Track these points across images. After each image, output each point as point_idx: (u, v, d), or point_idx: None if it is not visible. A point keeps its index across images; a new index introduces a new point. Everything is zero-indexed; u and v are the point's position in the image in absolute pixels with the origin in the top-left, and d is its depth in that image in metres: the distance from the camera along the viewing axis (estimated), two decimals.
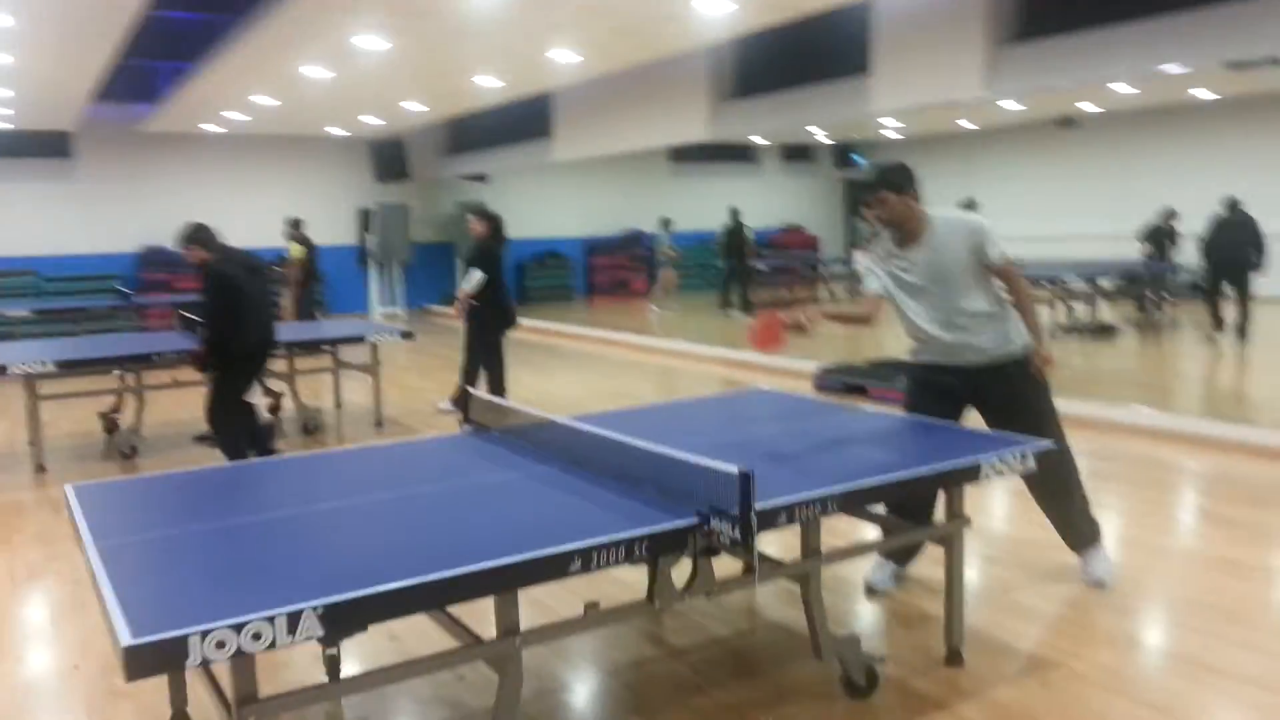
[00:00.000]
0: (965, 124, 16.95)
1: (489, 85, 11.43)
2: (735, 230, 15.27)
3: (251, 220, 15.74)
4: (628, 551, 2.35)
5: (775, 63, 10.35)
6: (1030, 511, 4.13)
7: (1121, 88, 11.82)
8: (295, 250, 12.08)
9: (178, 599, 2.04)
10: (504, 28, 8.47)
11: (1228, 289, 10.94)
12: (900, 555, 3.95)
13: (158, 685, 3.25)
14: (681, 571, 2.56)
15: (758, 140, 18.93)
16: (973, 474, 2.99)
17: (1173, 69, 7.52)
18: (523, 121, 14.02)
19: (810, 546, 2.96)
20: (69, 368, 6.23)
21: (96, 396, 7.26)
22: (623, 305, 17.42)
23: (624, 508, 2.58)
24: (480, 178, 16.85)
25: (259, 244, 15.90)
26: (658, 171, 19.23)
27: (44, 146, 14.39)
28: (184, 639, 1.80)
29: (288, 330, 7.80)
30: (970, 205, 11.20)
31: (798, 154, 21.30)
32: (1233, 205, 10.99)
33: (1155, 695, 3.06)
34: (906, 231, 3.66)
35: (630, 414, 4.06)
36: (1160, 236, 12.83)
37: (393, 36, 8.68)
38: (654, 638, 3.55)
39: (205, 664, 1.86)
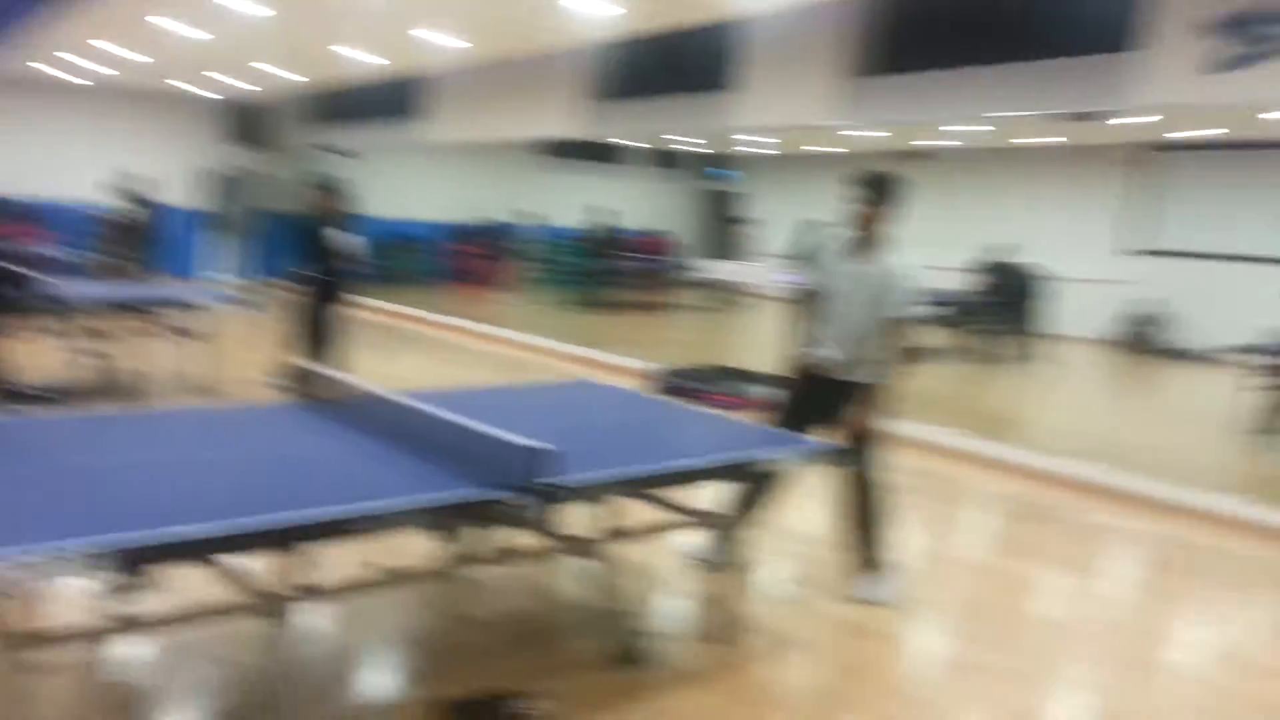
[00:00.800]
0: (828, 148, 17.73)
1: (365, 60, 11.30)
2: (604, 229, 15.54)
3: (96, 173, 15.04)
4: (426, 517, 2.53)
5: (649, 69, 10.65)
6: (818, 513, 4.51)
7: (975, 126, 12.64)
8: (124, 208, 11.72)
9: None
10: (385, 3, 8.46)
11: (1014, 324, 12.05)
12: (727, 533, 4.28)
13: None
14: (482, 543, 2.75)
15: (628, 143, 19.26)
16: (755, 467, 3.30)
17: (1013, 113, 8.19)
18: (396, 100, 13.87)
19: (604, 526, 3.20)
20: None
21: None
22: (481, 294, 17.40)
23: (430, 477, 2.75)
24: (346, 151, 16.52)
25: (87, 198, 15.36)
26: (527, 164, 19.29)
27: None
28: None
29: (115, 289, 7.56)
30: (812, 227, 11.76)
31: (665, 160, 21.76)
32: (1009, 254, 12.17)
33: (887, 676, 3.48)
34: (863, 241, 3.95)
35: (459, 394, 4.21)
36: (996, 271, 13.71)
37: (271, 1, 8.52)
38: (451, 610, 3.72)
39: None
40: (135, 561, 2.13)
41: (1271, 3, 5.59)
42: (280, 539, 2.35)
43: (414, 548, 3.76)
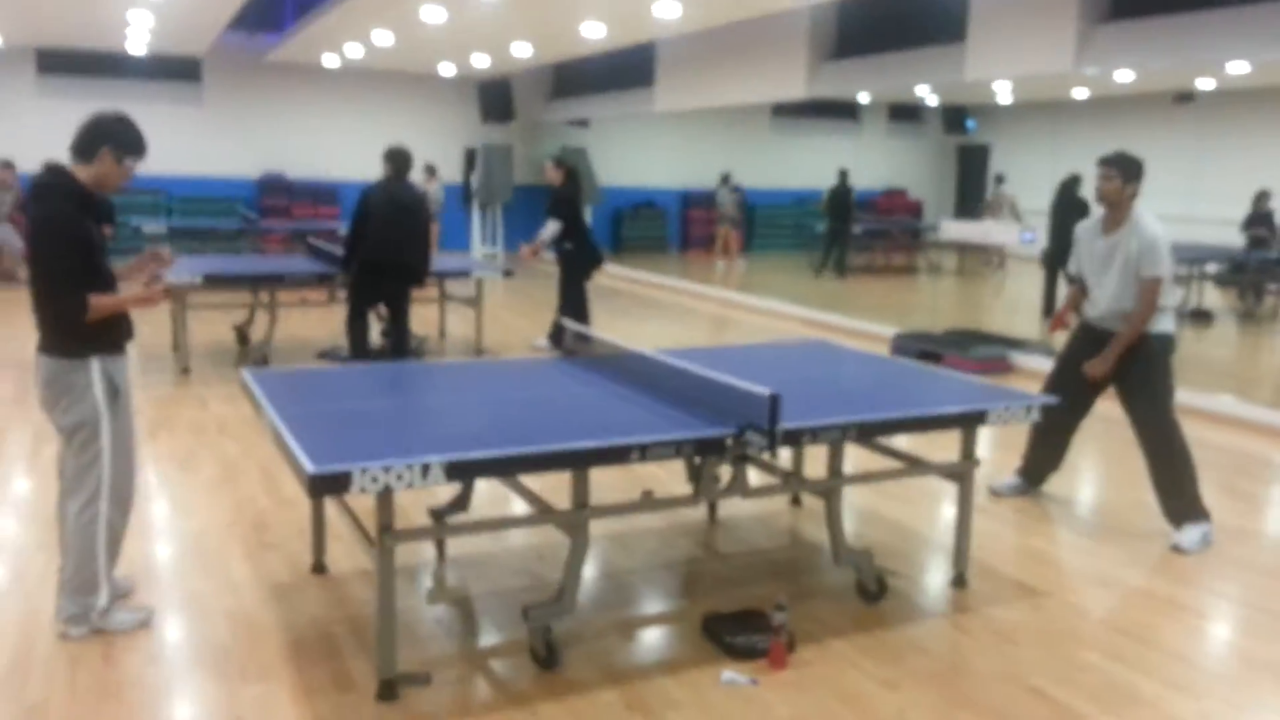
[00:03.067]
0: (1077, 93, 16.69)
1: (595, 34, 11.89)
2: (843, 192, 15.21)
3: (366, 152, 16.61)
4: (675, 450, 2.94)
5: (877, 24, 10.58)
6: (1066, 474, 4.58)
7: (1236, 66, 11.60)
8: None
9: (341, 449, 2.71)
10: None
11: None
12: (1033, 477, 4.84)
13: (300, 539, 4.01)
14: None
15: (862, 99, 18.91)
16: (981, 419, 3.48)
17: (1239, 66, 7.58)
18: (626, 70, 14.45)
19: (834, 468, 3.50)
20: (214, 283, 7.07)
21: (228, 311, 8.16)
22: (717, 260, 17.79)
23: (679, 419, 3.16)
24: (582, 123, 17.34)
25: (368, 177, 16.91)
26: (759, 126, 19.31)
27: (176, 70, 15.34)
28: (349, 472, 2.49)
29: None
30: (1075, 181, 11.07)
31: (905, 114, 20.95)
32: None
33: (1127, 623, 3.54)
34: (1112, 216, 4.32)
35: (706, 351, 4.62)
36: (1259, 223, 12.58)
37: None
38: (705, 544, 4.17)
39: (361, 492, 2.52)
40: (476, 474, 2.73)
41: None
42: (580, 460, 2.86)
43: (663, 487, 4.21)
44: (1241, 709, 2.97)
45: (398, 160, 6.43)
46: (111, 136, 3.10)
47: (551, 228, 8.04)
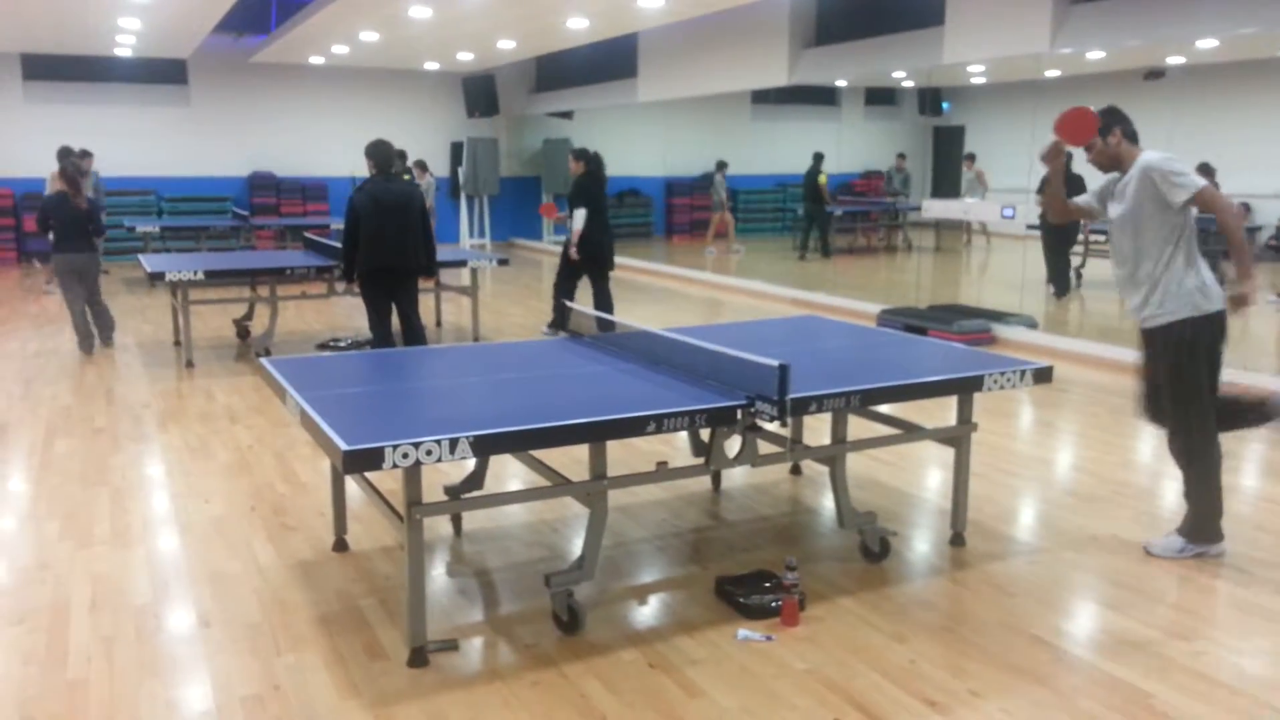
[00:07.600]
0: (1049, 73, 16.89)
1: (579, 26, 11.99)
2: (811, 174, 15.62)
3: (353, 149, 16.65)
4: (690, 421, 3.07)
5: (856, 10, 10.74)
6: (1054, 438, 4.72)
7: (1204, 43, 11.82)
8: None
9: (370, 427, 2.83)
10: None
11: None
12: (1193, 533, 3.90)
13: (320, 521, 4.14)
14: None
15: (840, 83, 19.09)
16: (978, 384, 3.62)
17: (1209, 43, 7.78)
18: (609, 61, 14.56)
19: (838, 435, 3.64)
20: (215, 278, 7.15)
21: (226, 305, 8.23)
22: (700, 245, 17.97)
23: (689, 392, 3.30)
24: (566, 114, 17.43)
25: (356, 173, 17.02)
26: (739, 113, 19.51)
27: (162, 73, 15.31)
28: (381, 449, 2.59)
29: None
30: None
31: (882, 98, 21.24)
32: None
33: (1118, 575, 3.70)
34: (1112, 170, 3.90)
35: (701, 329, 4.73)
36: None
37: None
38: (711, 514, 4.31)
39: (393, 468, 2.63)
40: (501, 449, 2.84)
41: None
42: (597, 432, 2.97)
43: (673, 459, 4.34)
44: (1231, 649, 3.14)
45: (377, 155, 6.22)
46: None
47: (579, 216, 8.07)
